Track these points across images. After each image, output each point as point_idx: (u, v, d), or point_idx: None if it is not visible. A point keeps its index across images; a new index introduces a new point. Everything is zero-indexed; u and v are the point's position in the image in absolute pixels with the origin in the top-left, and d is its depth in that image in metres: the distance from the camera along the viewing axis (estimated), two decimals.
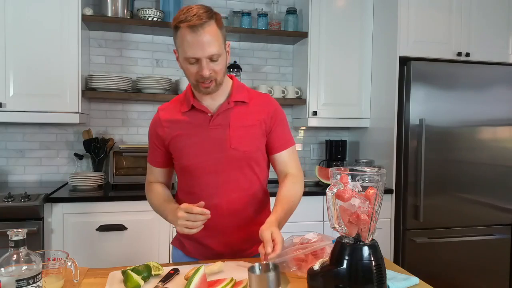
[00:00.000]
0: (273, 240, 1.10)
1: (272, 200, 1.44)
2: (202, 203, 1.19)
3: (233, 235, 1.35)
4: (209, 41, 1.17)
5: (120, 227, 2.28)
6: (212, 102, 1.33)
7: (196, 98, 1.34)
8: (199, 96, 1.34)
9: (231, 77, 1.40)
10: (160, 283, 1.09)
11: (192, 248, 1.40)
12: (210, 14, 1.19)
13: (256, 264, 1.01)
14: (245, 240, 1.36)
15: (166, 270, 1.18)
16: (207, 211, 1.17)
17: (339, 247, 1.02)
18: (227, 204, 1.32)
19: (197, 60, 1.20)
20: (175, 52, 1.27)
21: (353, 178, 1.01)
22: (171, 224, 2.38)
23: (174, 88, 2.89)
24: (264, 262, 1.04)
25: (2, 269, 0.87)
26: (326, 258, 1.07)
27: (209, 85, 1.24)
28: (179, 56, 1.25)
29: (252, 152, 1.33)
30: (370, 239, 1.02)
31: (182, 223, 1.18)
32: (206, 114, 1.32)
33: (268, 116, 1.36)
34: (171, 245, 1.51)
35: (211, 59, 1.20)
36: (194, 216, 1.17)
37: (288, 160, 1.40)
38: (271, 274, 0.95)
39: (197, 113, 1.33)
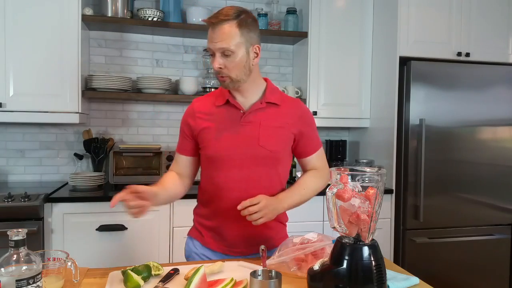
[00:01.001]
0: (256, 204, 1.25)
1: None
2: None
3: (249, 230, 1.37)
4: (222, 36, 1.27)
5: (120, 227, 2.28)
6: (246, 100, 1.40)
7: (232, 94, 1.40)
8: (234, 93, 1.40)
9: (266, 80, 1.46)
10: (160, 283, 1.09)
11: (210, 238, 1.43)
12: (235, 15, 1.28)
13: (259, 270, 1.02)
14: (261, 236, 1.39)
15: (166, 270, 1.18)
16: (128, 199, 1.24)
17: (339, 247, 1.02)
18: (247, 199, 1.33)
19: (212, 53, 1.31)
20: None
21: (353, 178, 1.01)
22: (171, 224, 2.39)
23: (174, 88, 2.89)
24: (266, 269, 1.05)
25: (2, 269, 0.87)
26: (326, 258, 1.07)
27: (224, 79, 1.32)
28: None
29: (278, 152, 1.38)
30: (370, 239, 1.02)
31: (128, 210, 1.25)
32: (238, 110, 1.38)
33: (298, 120, 1.42)
34: (186, 237, 1.54)
35: (223, 53, 1.28)
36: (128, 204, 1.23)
37: (317, 162, 1.49)
38: (273, 282, 0.96)
39: (230, 108, 1.39)
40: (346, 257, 1.00)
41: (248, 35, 1.30)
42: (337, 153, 3.10)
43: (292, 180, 3.05)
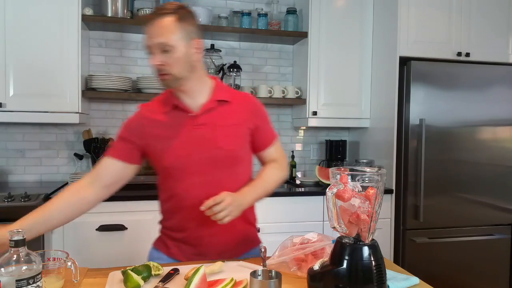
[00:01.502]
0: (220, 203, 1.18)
1: None
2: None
3: (218, 235, 1.33)
4: (161, 31, 1.21)
5: (120, 227, 2.28)
6: (194, 101, 1.33)
7: (178, 97, 1.33)
8: (180, 95, 1.33)
9: (214, 78, 1.40)
10: (160, 283, 1.09)
11: (176, 248, 1.38)
12: (173, 9, 1.23)
13: (259, 270, 1.02)
14: (230, 239, 1.36)
15: (166, 270, 1.18)
16: None
17: (339, 247, 1.02)
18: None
19: (150, 50, 1.24)
20: None
21: (353, 178, 1.01)
22: None
23: None
24: (266, 269, 1.05)
25: (2, 269, 0.87)
26: (326, 258, 1.07)
27: (165, 77, 1.25)
28: None
29: (237, 151, 1.34)
30: (370, 239, 1.02)
31: None
32: (188, 113, 1.31)
33: (251, 115, 1.38)
34: (151, 247, 1.48)
35: (162, 49, 1.22)
36: None
37: (274, 154, 1.45)
38: (273, 282, 0.96)
39: (179, 113, 1.32)
40: (346, 257, 1.00)
41: (188, 29, 1.25)
42: (337, 153, 3.10)
43: (292, 180, 3.06)
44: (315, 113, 2.85)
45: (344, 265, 0.99)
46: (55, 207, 1.25)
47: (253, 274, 0.99)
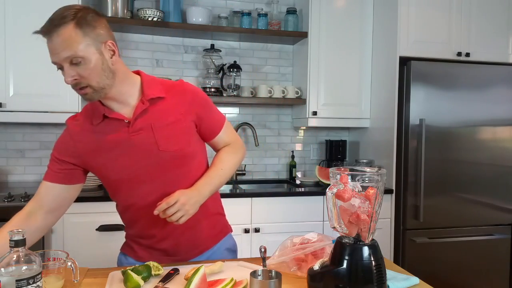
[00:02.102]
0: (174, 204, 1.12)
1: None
2: None
3: (184, 235, 1.30)
4: (63, 44, 1.07)
5: (120, 227, 2.27)
6: (123, 106, 1.20)
7: (105, 105, 1.20)
8: (107, 103, 1.20)
9: (138, 73, 1.27)
10: (160, 283, 1.09)
11: (145, 253, 1.33)
12: (71, 15, 1.08)
13: (259, 270, 1.02)
14: (197, 235, 1.32)
15: (166, 270, 1.18)
16: None
17: (339, 247, 1.02)
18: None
19: (60, 66, 1.11)
20: None
21: (353, 178, 1.01)
22: None
23: None
24: (266, 269, 1.05)
25: (2, 269, 0.87)
26: (326, 258, 1.07)
27: (85, 91, 1.12)
28: None
29: (184, 149, 1.23)
30: (370, 239, 1.02)
31: None
32: (122, 121, 1.19)
33: (191, 105, 1.25)
34: (119, 252, 1.44)
35: (71, 63, 1.08)
36: None
37: (226, 138, 1.36)
38: (273, 282, 0.96)
39: (112, 122, 1.20)
40: (346, 257, 1.00)
41: (93, 32, 1.09)
42: (337, 153, 3.10)
43: (292, 180, 3.05)
44: (315, 113, 2.85)
45: (344, 265, 0.99)
46: (5, 241, 0.98)
47: (253, 274, 0.99)
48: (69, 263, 1.06)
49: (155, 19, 2.66)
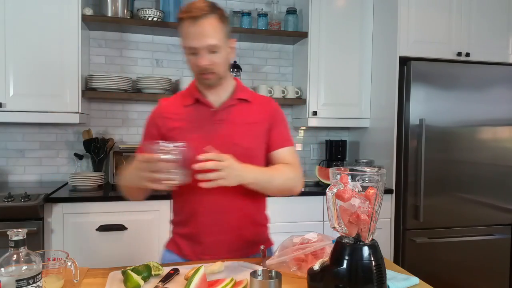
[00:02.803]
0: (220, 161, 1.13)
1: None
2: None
3: (232, 234, 1.34)
4: (207, 32, 1.22)
5: (120, 227, 2.28)
6: (216, 98, 1.35)
7: (201, 92, 1.36)
8: (203, 91, 1.36)
9: (236, 79, 1.44)
10: (160, 283, 1.09)
11: (190, 249, 1.37)
12: (212, 8, 1.24)
13: (259, 270, 1.02)
14: (243, 239, 1.36)
15: (166, 270, 1.18)
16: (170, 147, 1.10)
17: (339, 247, 1.02)
18: (228, 201, 1.31)
19: (197, 51, 1.24)
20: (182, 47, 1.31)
21: (353, 178, 1.01)
22: (171, 224, 2.38)
23: (174, 88, 2.89)
24: (267, 269, 1.05)
25: (2, 269, 0.87)
26: (326, 258, 1.07)
27: (210, 76, 1.28)
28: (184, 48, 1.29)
29: (254, 149, 1.34)
30: (370, 239, 1.02)
31: (145, 175, 1.12)
32: (209, 108, 1.34)
33: (270, 115, 1.39)
34: (163, 249, 1.47)
35: (210, 50, 1.24)
36: (155, 165, 1.10)
37: (288, 157, 1.37)
38: (273, 282, 0.96)
39: (200, 107, 1.34)
40: (346, 257, 0.99)
41: (225, 27, 1.28)
42: (337, 153, 3.10)
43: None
44: (315, 113, 2.85)
45: (344, 265, 0.99)
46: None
47: (253, 274, 0.99)
48: (69, 263, 1.06)
49: (155, 19, 2.66)
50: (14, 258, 0.89)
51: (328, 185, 1.02)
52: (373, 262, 0.99)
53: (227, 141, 1.29)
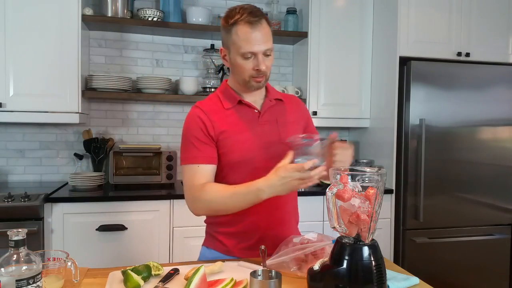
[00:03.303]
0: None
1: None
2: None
3: (277, 229, 1.36)
4: (266, 36, 1.26)
5: (120, 227, 2.28)
6: (253, 99, 1.38)
7: (240, 95, 1.37)
8: (241, 93, 1.37)
9: None
10: (160, 283, 1.09)
11: (235, 246, 1.37)
12: (262, 12, 1.28)
13: (259, 270, 1.02)
14: (286, 233, 1.36)
15: (166, 270, 1.18)
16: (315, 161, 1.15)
17: (339, 247, 1.02)
18: (278, 198, 1.28)
19: (254, 55, 1.26)
20: (222, 50, 1.34)
21: (353, 178, 1.01)
22: (171, 224, 2.39)
23: (174, 88, 2.89)
24: (266, 268, 1.05)
25: (2, 269, 0.87)
26: (326, 258, 1.07)
27: (261, 79, 1.31)
28: (229, 53, 1.31)
29: None
30: (370, 239, 1.02)
31: (297, 183, 1.17)
32: (253, 110, 1.36)
33: (302, 113, 1.48)
34: (202, 247, 1.47)
35: (266, 54, 1.27)
36: (307, 173, 1.14)
37: None
38: (273, 282, 0.96)
39: (243, 109, 1.36)
40: (346, 257, 1.00)
41: (271, 31, 1.32)
42: None
43: None
44: (315, 113, 2.85)
45: (344, 265, 0.99)
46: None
47: (253, 274, 0.99)
48: (69, 263, 1.06)
49: (155, 19, 2.66)
50: (14, 258, 0.89)
51: (328, 185, 1.02)
52: (373, 262, 0.99)
53: (273, 142, 1.33)
